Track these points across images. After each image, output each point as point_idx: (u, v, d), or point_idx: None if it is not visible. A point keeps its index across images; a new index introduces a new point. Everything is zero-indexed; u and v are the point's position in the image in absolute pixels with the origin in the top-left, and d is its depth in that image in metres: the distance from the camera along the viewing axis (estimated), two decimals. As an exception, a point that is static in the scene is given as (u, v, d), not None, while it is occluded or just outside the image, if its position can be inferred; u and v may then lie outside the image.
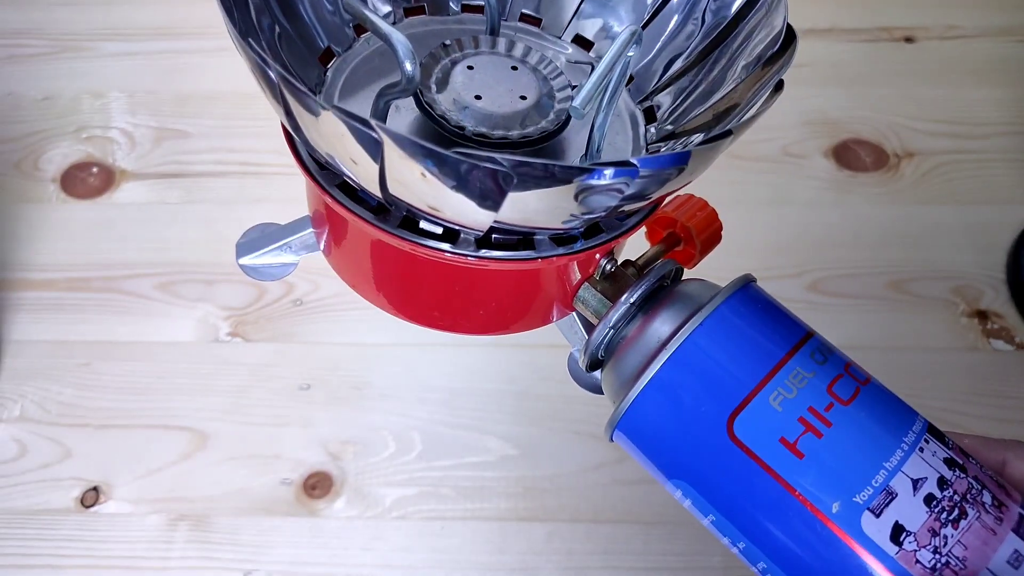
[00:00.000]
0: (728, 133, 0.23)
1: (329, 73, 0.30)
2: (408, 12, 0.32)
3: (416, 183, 0.22)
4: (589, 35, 0.32)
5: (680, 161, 0.22)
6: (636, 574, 0.48)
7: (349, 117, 0.21)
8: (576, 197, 0.22)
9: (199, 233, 0.59)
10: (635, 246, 0.30)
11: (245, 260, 0.33)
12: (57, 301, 0.57)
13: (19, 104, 0.66)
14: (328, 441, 0.52)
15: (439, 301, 0.30)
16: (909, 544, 0.21)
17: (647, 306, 0.26)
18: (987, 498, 0.22)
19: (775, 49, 0.27)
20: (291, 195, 0.62)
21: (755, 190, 0.60)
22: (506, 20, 0.33)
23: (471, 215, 0.23)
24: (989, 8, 0.67)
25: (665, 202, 0.30)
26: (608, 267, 0.28)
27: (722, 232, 0.29)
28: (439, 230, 0.26)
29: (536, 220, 0.24)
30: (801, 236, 0.58)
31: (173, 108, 0.65)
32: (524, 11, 0.33)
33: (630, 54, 0.25)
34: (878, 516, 0.21)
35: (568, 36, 0.32)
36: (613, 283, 0.28)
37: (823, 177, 0.60)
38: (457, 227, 0.25)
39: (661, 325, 0.25)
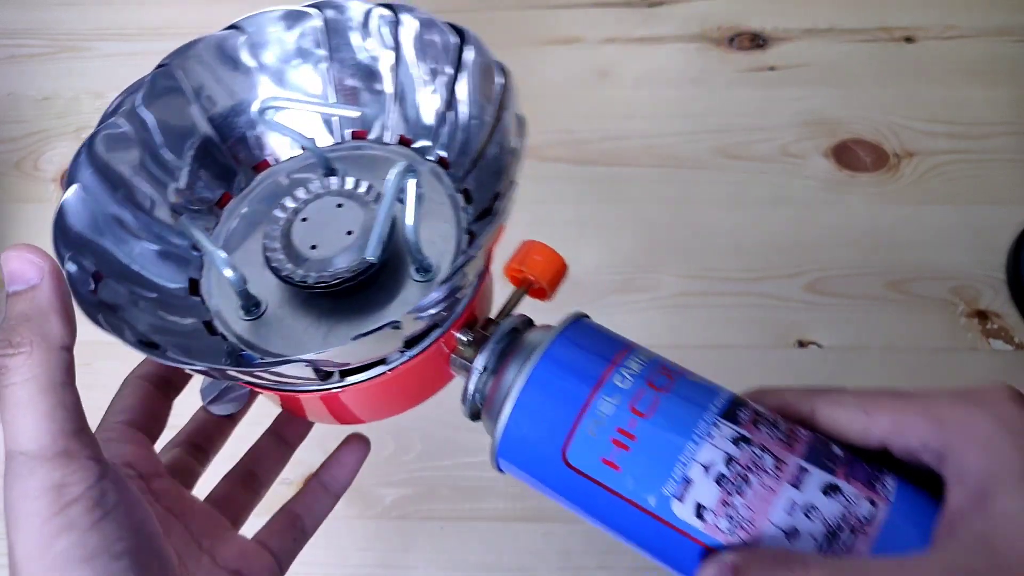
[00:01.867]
0: (470, 257, 0.28)
1: (220, 221, 0.35)
2: (256, 168, 0.37)
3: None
4: (407, 135, 0.37)
5: (441, 297, 0.27)
6: (632, 574, 0.48)
7: (173, 361, 0.27)
8: (394, 330, 0.27)
9: (199, 233, 0.59)
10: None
11: (212, 407, 0.36)
12: (57, 301, 0.58)
13: (19, 104, 0.66)
14: (327, 441, 0.52)
15: (343, 412, 0.35)
16: (709, 517, 0.26)
17: (499, 363, 0.31)
18: (768, 462, 0.26)
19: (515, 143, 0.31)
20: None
21: (754, 190, 0.60)
22: (341, 143, 0.37)
23: (306, 379, 0.29)
24: (989, 8, 0.67)
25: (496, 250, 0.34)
26: (466, 338, 0.32)
27: (566, 266, 0.33)
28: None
29: (375, 355, 0.30)
30: (800, 236, 0.58)
31: (173, 108, 0.65)
32: (352, 129, 0.37)
33: (410, 182, 0.29)
34: (682, 501, 0.26)
35: (393, 139, 0.37)
36: (476, 348, 0.31)
37: (822, 177, 0.60)
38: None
39: (507, 379, 0.30)
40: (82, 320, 0.61)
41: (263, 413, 0.39)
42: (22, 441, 0.23)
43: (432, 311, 0.28)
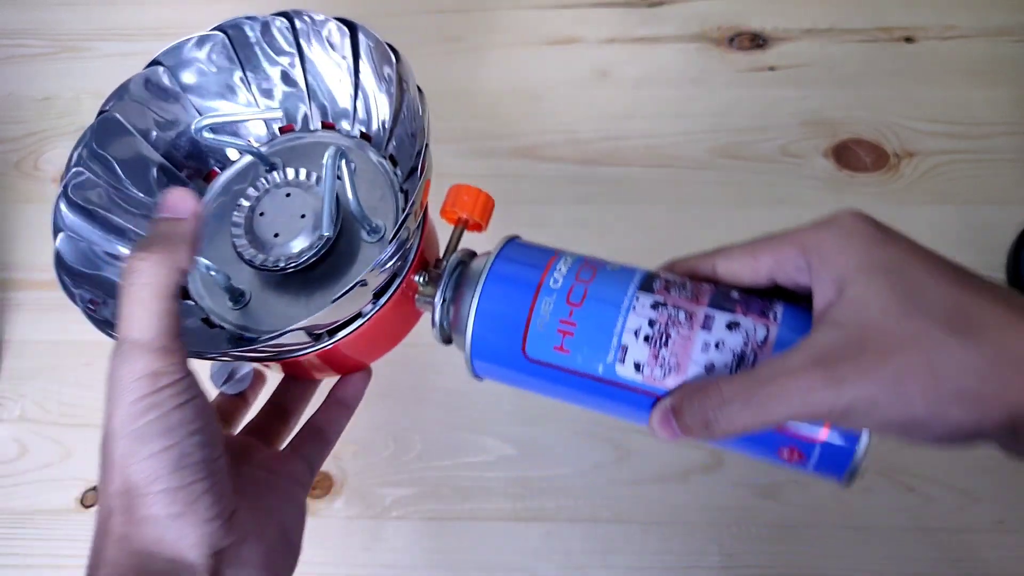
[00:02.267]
0: (408, 214, 0.33)
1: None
2: (207, 177, 0.42)
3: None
4: (328, 120, 0.42)
5: (394, 250, 0.33)
6: (633, 573, 0.48)
7: (193, 356, 0.31)
8: (362, 287, 0.33)
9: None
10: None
11: (224, 388, 0.40)
12: (58, 301, 0.57)
13: (19, 104, 0.66)
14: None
15: (339, 363, 0.40)
16: (646, 370, 0.32)
17: (455, 291, 0.36)
18: (682, 316, 0.32)
19: (420, 127, 0.36)
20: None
21: (754, 190, 0.60)
22: (274, 138, 0.42)
23: (302, 342, 0.35)
24: (988, 8, 0.67)
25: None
26: (423, 279, 0.37)
27: (492, 199, 0.38)
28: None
29: (353, 310, 0.35)
30: (800, 236, 0.58)
31: (173, 108, 0.65)
32: (280, 125, 0.42)
33: (342, 163, 0.34)
34: (623, 363, 0.32)
35: (316, 126, 0.42)
36: (434, 284, 0.37)
37: (822, 177, 0.60)
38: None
39: (464, 304, 0.35)
40: (83, 320, 0.61)
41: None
42: (134, 331, 0.28)
43: (389, 264, 0.33)
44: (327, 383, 0.41)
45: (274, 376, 0.42)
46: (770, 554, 0.48)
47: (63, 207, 0.36)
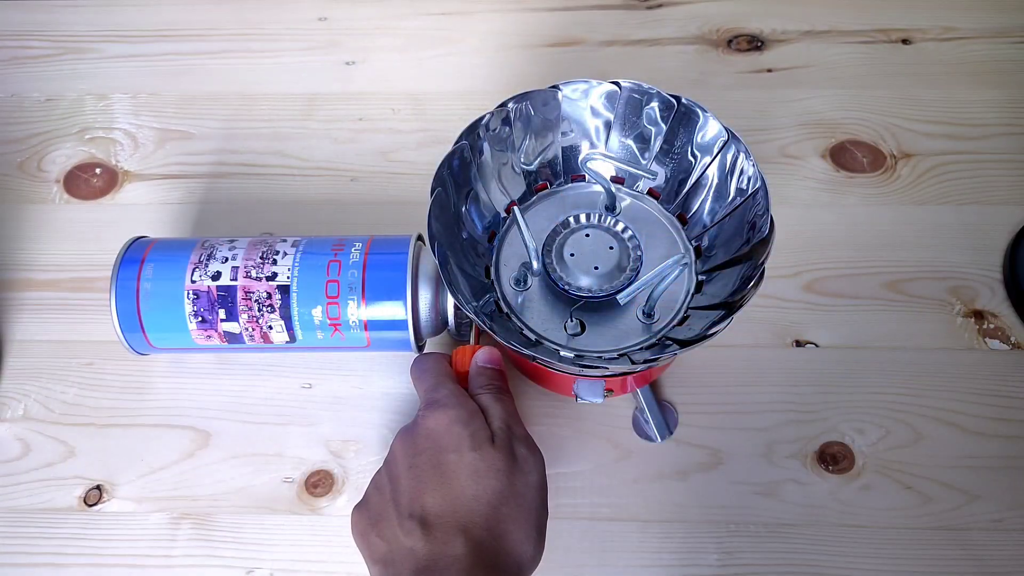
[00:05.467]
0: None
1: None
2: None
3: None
4: (656, 190, 0.48)
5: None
6: (632, 572, 0.48)
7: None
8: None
9: (201, 234, 0.60)
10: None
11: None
12: (60, 301, 0.58)
13: (22, 105, 0.67)
14: (330, 440, 0.53)
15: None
16: None
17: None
18: None
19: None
20: (292, 196, 0.62)
21: (753, 191, 0.60)
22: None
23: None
24: (986, 10, 0.67)
25: None
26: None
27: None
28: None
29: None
30: (798, 236, 0.58)
31: (176, 109, 0.65)
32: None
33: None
34: None
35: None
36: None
37: (820, 178, 0.60)
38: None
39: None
40: (86, 320, 0.61)
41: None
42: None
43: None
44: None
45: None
46: (768, 552, 0.48)
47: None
